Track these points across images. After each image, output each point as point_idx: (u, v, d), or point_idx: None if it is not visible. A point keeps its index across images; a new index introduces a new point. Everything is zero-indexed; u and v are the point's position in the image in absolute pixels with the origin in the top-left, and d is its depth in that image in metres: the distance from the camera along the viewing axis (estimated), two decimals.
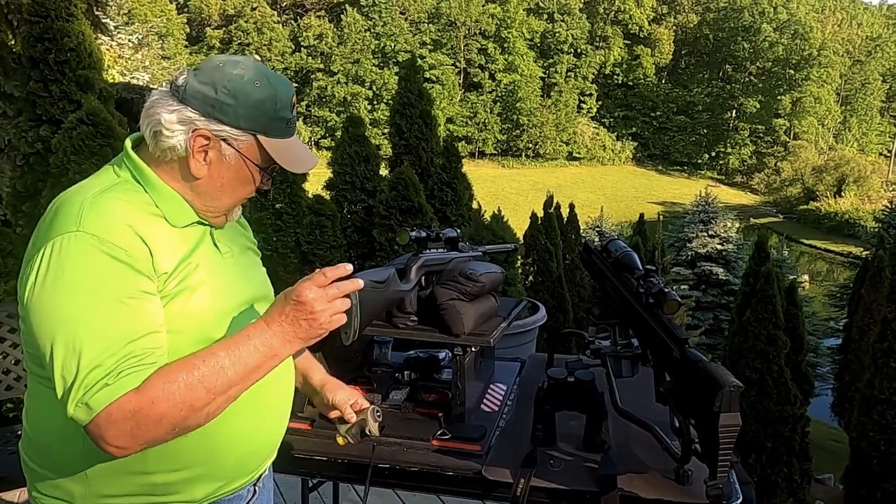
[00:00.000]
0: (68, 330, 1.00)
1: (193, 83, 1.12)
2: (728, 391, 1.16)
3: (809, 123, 47.95)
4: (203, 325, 1.13)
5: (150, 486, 1.13)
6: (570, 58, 50.68)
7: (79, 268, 1.02)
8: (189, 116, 1.11)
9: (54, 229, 1.05)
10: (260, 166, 1.17)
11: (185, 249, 1.14)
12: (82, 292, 1.01)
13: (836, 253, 28.66)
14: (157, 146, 1.13)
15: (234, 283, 1.22)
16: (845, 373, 9.54)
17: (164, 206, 1.14)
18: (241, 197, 1.21)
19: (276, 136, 1.16)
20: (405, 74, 5.12)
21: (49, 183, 3.45)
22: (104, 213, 1.06)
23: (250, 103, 1.13)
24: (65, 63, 3.61)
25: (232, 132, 1.13)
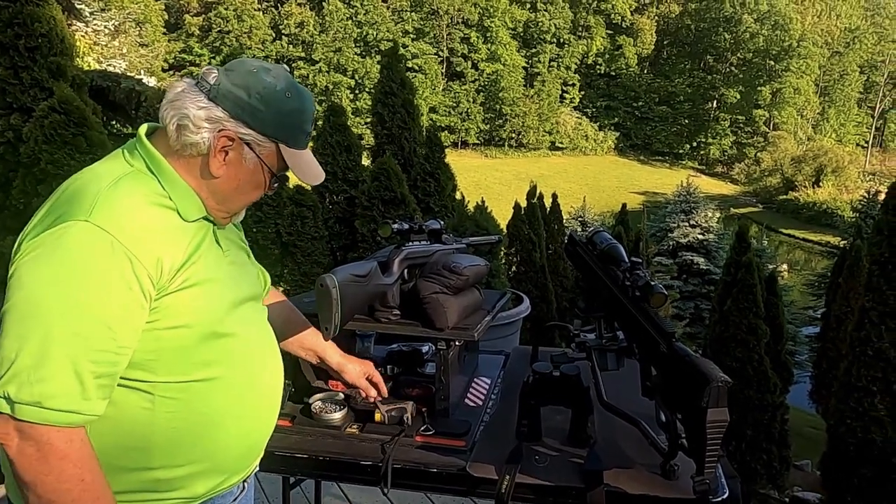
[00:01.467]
0: (40, 325, 0.98)
1: (226, 84, 1.13)
2: (716, 386, 1.15)
3: (789, 114, 48.41)
4: (210, 319, 1.14)
5: (153, 483, 1.13)
6: (552, 47, 50.63)
7: (78, 261, 1.01)
8: (218, 116, 1.13)
9: (65, 213, 1.03)
10: (274, 173, 1.20)
11: (193, 245, 1.13)
12: (71, 294, 1.00)
13: (814, 242, 29.03)
14: (180, 139, 1.13)
15: (236, 281, 1.23)
16: (823, 360, 9.66)
17: (178, 200, 1.13)
18: (249, 200, 1.23)
19: (295, 147, 1.20)
20: (387, 63, 5.06)
21: (20, 173, 3.37)
22: (118, 206, 1.05)
23: (280, 113, 1.15)
24: (36, 49, 3.51)
25: (257, 137, 1.15)
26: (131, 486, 1.12)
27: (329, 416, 1.61)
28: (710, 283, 12.84)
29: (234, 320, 1.19)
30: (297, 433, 1.58)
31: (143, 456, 1.10)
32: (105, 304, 1.01)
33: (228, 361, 1.18)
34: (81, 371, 1.00)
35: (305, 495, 2.68)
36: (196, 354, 1.13)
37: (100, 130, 3.38)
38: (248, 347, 1.22)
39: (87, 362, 1.00)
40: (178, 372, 1.12)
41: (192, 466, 1.15)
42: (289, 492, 1.95)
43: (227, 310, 1.18)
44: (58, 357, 0.98)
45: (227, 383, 1.17)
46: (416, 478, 1.50)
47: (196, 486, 1.17)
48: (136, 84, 5.86)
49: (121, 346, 1.04)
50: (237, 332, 1.19)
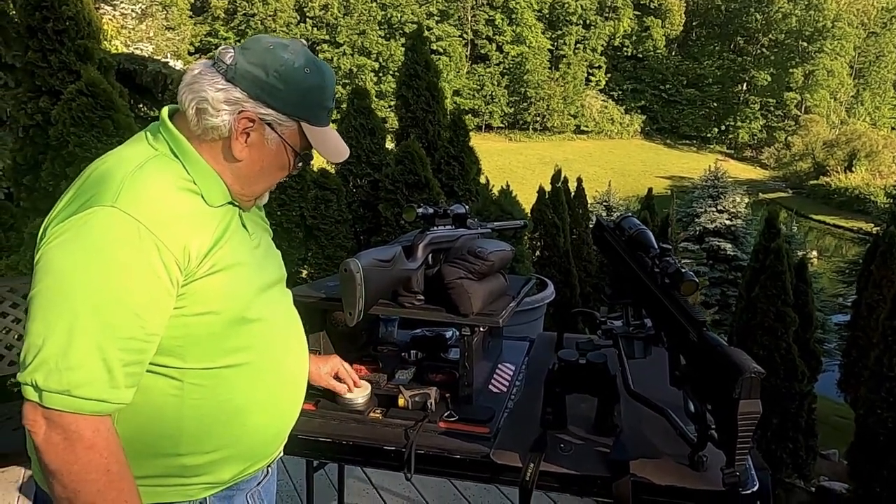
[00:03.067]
0: (68, 313, 0.97)
1: (243, 63, 1.10)
2: (748, 377, 1.11)
3: (821, 97, 47.24)
4: (238, 305, 1.12)
5: (180, 468, 1.12)
6: (578, 29, 49.92)
7: (105, 248, 0.99)
8: (237, 97, 1.10)
9: (94, 198, 1.02)
10: (297, 152, 1.17)
11: (220, 230, 1.11)
12: (100, 281, 0.98)
13: (845, 229, 28.42)
14: (200, 123, 1.11)
15: (262, 265, 1.21)
16: (853, 349, 9.49)
17: (203, 184, 1.11)
18: (274, 181, 1.21)
19: (317, 125, 1.16)
20: (412, 45, 5.01)
21: (49, 156, 3.41)
22: (144, 191, 1.03)
23: (300, 90, 1.12)
24: (63, 32, 3.54)
25: (278, 117, 1.12)
26: (158, 471, 1.11)
27: (353, 400, 1.61)
28: (736, 269, 12.65)
29: (262, 305, 1.17)
30: (321, 417, 1.58)
31: (170, 442, 1.09)
32: (132, 292, 1.00)
33: (256, 347, 1.16)
34: (110, 359, 0.99)
35: (329, 478, 2.70)
36: (225, 340, 1.12)
37: (126, 113, 3.40)
38: (275, 332, 1.21)
39: (116, 350, 0.99)
40: (206, 358, 1.11)
41: (218, 452, 1.14)
42: (312, 475, 1.96)
43: (255, 294, 1.16)
44: (85, 345, 0.98)
45: (255, 369, 1.17)
46: (440, 464, 1.49)
47: (222, 472, 1.16)
48: (163, 67, 5.90)
49: (149, 333, 1.03)
50: (264, 317, 1.18)
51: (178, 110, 1.14)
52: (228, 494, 1.20)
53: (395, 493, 2.77)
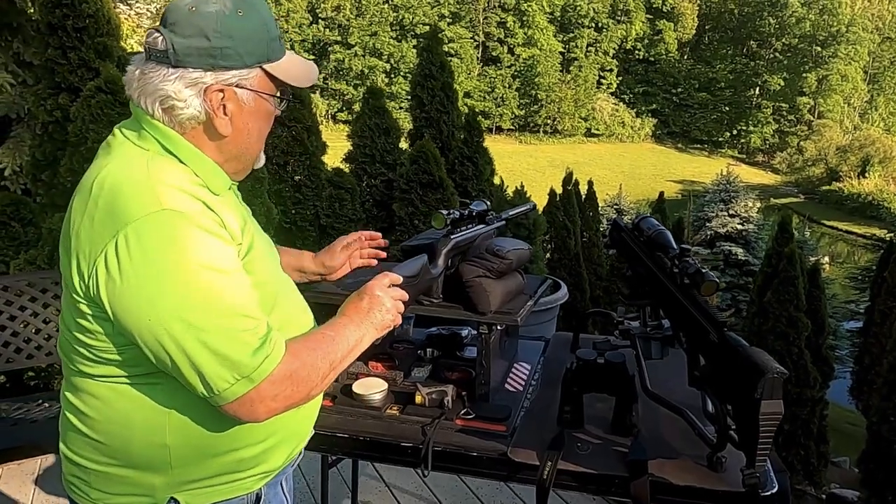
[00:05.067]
0: (187, 312, 0.94)
1: (180, 41, 1.01)
2: (771, 378, 1.11)
3: (835, 102, 46.90)
4: (271, 288, 1.14)
5: (237, 462, 1.11)
6: (590, 32, 49.79)
7: (179, 245, 0.95)
8: (195, 78, 1.02)
9: (129, 212, 0.95)
10: (274, 94, 1.11)
11: (239, 217, 1.10)
12: (190, 268, 0.95)
13: (858, 235, 28.19)
14: (174, 120, 1.04)
15: (269, 247, 1.23)
16: (865, 356, 9.41)
17: (204, 175, 1.07)
18: (265, 134, 1.16)
19: (277, 58, 1.10)
20: (427, 45, 5.02)
21: (68, 152, 3.44)
22: (174, 189, 1.00)
23: (245, 36, 1.04)
24: (83, 30, 3.57)
25: (240, 74, 1.05)
26: (216, 470, 1.10)
27: (370, 396, 1.61)
28: (748, 273, 12.56)
29: (282, 286, 1.19)
30: (338, 413, 1.59)
31: (226, 439, 1.08)
32: (224, 259, 1.00)
33: (286, 326, 1.14)
34: (255, 322, 1.01)
35: (341, 474, 2.71)
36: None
37: None
38: (295, 311, 1.23)
39: (253, 311, 1.01)
40: None
41: (270, 440, 1.14)
42: (327, 470, 1.97)
43: (276, 277, 1.19)
44: (224, 336, 0.97)
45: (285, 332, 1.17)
46: (456, 461, 1.49)
47: (275, 459, 1.17)
48: None
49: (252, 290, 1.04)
50: (287, 298, 1.21)
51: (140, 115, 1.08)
52: (276, 481, 1.21)
53: (407, 491, 2.78)
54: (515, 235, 4.28)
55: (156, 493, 1.07)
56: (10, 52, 4.95)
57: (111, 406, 1.06)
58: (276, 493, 1.23)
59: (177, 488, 1.08)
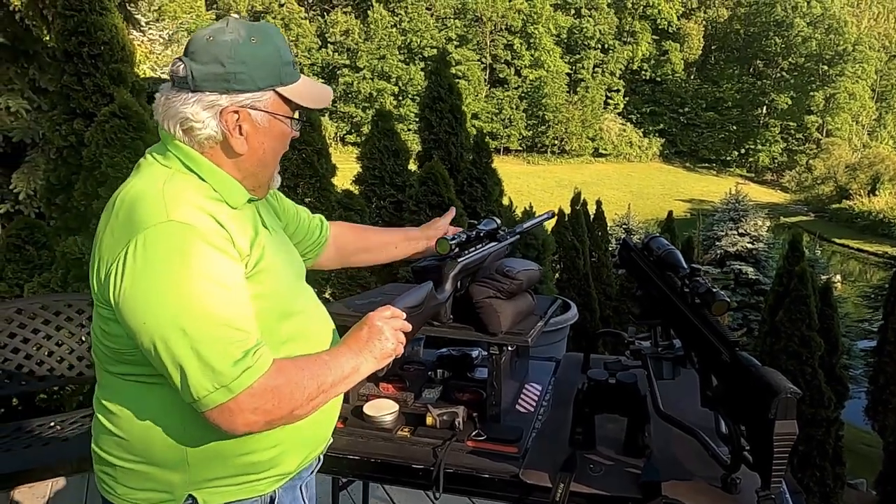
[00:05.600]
0: (179, 318, 1.00)
1: (198, 68, 1.10)
2: (784, 398, 1.10)
3: (843, 120, 46.88)
4: (282, 300, 1.18)
5: (250, 465, 1.16)
6: (597, 53, 50.18)
7: (179, 255, 1.01)
8: (211, 101, 1.11)
9: (140, 221, 1.04)
10: (288, 116, 1.19)
11: (251, 231, 1.16)
12: (188, 278, 1.01)
13: (869, 253, 27.98)
14: (194, 140, 1.13)
15: (289, 258, 1.27)
16: (880, 376, 9.29)
17: (222, 190, 1.14)
18: (281, 154, 1.22)
19: (290, 82, 1.17)
20: (435, 68, 5.08)
21: (82, 176, 3.48)
22: (185, 202, 1.07)
23: (258, 61, 1.12)
24: (98, 56, 3.64)
25: (254, 96, 1.13)
26: (230, 471, 1.15)
27: (380, 418, 1.61)
28: (759, 293, 12.48)
29: (299, 298, 1.24)
30: (349, 434, 1.59)
31: (240, 441, 1.12)
32: (223, 274, 1.04)
33: (301, 337, 1.21)
34: (245, 336, 1.04)
35: (351, 497, 2.69)
36: (276, 334, 1.16)
37: (157, 135, 3.47)
38: (313, 322, 1.27)
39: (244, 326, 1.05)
40: None
41: (284, 444, 1.18)
42: (338, 493, 1.96)
43: (293, 288, 1.23)
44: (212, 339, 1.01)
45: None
46: (468, 483, 1.49)
47: (289, 463, 1.21)
48: None
49: (248, 305, 1.08)
50: (303, 309, 1.24)
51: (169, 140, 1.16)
52: (293, 485, 1.25)
53: None
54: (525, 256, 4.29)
55: (175, 490, 1.13)
56: (26, 78, 5.06)
57: (134, 404, 1.11)
58: (294, 497, 1.26)
59: (194, 486, 1.13)
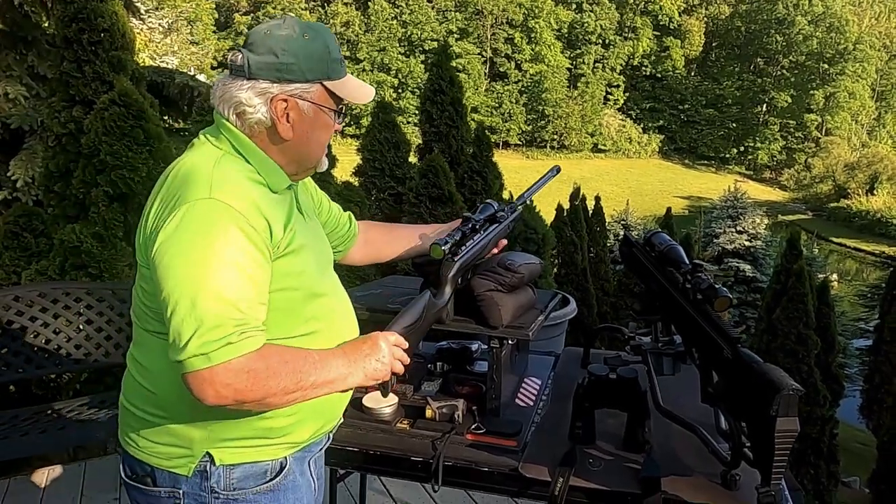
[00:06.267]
0: (193, 287, 1.06)
1: (254, 58, 1.19)
2: (787, 395, 1.10)
3: (842, 119, 46.87)
4: (311, 281, 1.25)
5: (267, 430, 1.21)
6: (597, 48, 50.06)
7: (211, 232, 1.08)
8: (264, 88, 1.19)
9: (188, 195, 1.11)
10: (333, 109, 1.26)
11: (287, 214, 1.23)
12: (213, 254, 1.07)
13: (867, 252, 28.04)
14: (245, 124, 1.21)
15: (318, 245, 1.34)
16: (875, 374, 9.33)
17: (266, 174, 1.22)
18: (324, 144, 1.30)
19: (337, 77, 1.25)
20: (436, 61, 5.05)
21: (80, 164, 3.46)
22: (230, 184, 1.14)
23: (309, 55, 1.21)
24: (98, 44, 3.61)
25: (303, 87, 1.21)
26: (249, 433, 1.20)
27: (380, 410, 1.61)
28: (755, 290, 12.52)
29: (325, 281, 1.31)
30: (348, 426, 1.58)
31: None
32: (243, 263, 1.09)
33: (324, 317, 1.28)
34: (243, 316, 1.08)
35: (348, 489, 2.69)
36: (301, 313, 1.23)
37: (157, 123, 3.46)
38: (336, 304, 1.33)
39: (245, 309, 1.08)
40: (287, 329, 1.21)
41: (298, 414, 1.23)
42: (336, 484, 1.96)
43: (320, 272, 1.29)
44: (211, 301, 1.06)
45: (324, 336, 1.26)
46: (467, 476, 1.49)
47: (302, 432, 1.26)
48: (190, 80, 5.99)
49: (261, 301, 1.12)
50: (328, 292, 1.31)
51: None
52: (302, 456, 1.30)
53: None
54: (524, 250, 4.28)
55: (194, 446, 1.19)
56: (25, 65, 5.02)
57: (166, 361, 1.13)
58: (303, 470, 1.31)
59: (213, 444, 1.19)
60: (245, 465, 1.21)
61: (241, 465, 1.21)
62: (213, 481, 1.20)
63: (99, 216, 3.40)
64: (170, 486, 1.21)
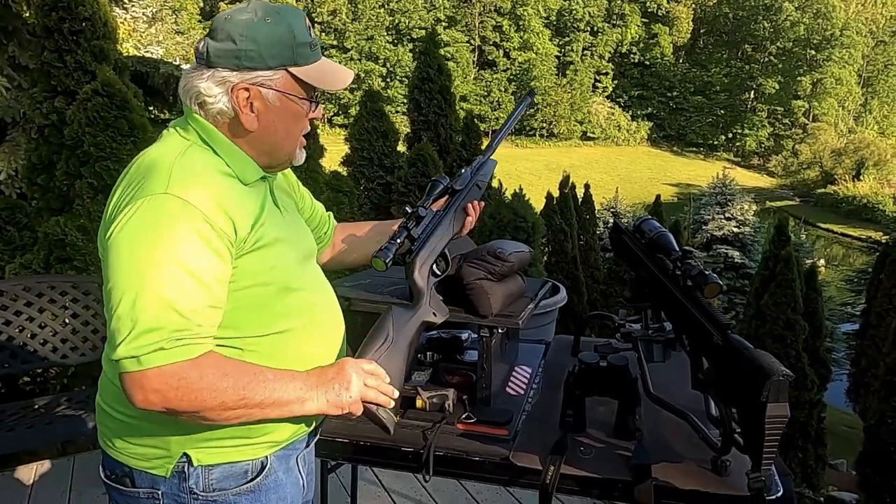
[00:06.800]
0: (136, 286, 1.02)
1: (214, 44, 1.14)
2: (777, 380, 1.10)
3: (829, 105, 47.11)
4: (285, 276, 1.20)
5: (247, 430, 1.18)
6: (586, 36, 49.95)
7: (161, 230, 1.04)
8: (223, 76, 1.14)
9: (146, 188, 1.07)
10: (303, 97, 1.19)
11: (258, 207, 1.17)
12: (160, 253, 1.03)
13: (853, 237, 28.29)
14: (208, 115, 1.17)
15: (296, 238, 1.28)
16: (862, 358, 9.44)
17: (235, 165, 1.17)
18: (297, 135, 1.23)
19: (305, 63, 1.18)
20: (424, 49, 5.02)
21: (64, 155, 3.41)
22: (191, 175, 1.09)
23: (270, 40, 1.14)
24: (79, 33, 3.55)
25: (265, 74, 1.15)
26: (227, 433, 1.17)
27: None
28: (744, 276, 12.60)
29: (302, 276, 1.25)
30: (338, 417, 1.56)
31: None
32: (194, 263, 1.05)
33: (300, 313, 1.23)
34: (181, 310, 1.04)
35: (340, 479, 2.69)
36: (274, 309, 1.18)
37: (141, 113, 3.41)
38: (315, 300, 1.28)
39: (188, 313, 1.04)
40: (260, 327, 1.17)
41: None
42: (327, 476, 1.95)
43: (296, 266, 1.24)
44: (153, 301, 1.02)
45: (301, 333, 1.23)
46: (458, 465, 1.48)
47: (282, 432, 1.23)
48: (175, 70, 5.91)
49: (212, 304, 1.07)
50: (305, 287, 1.25)
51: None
52: (286, 454, 1.27)
53: (406, 496, 2.76)
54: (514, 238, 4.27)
55: (170, 447, 1.16)
56: (6, 55, 4.93)
57: None
58: (288, 468, 1.28)
59: (190, 444, 1.16)
60: (224, 465, 1.19)
61: (220, 466, 1.18)
62: (192, 482, 1.17)
63: (83, 208, 3.36)
64: (148, 486, 1.19)
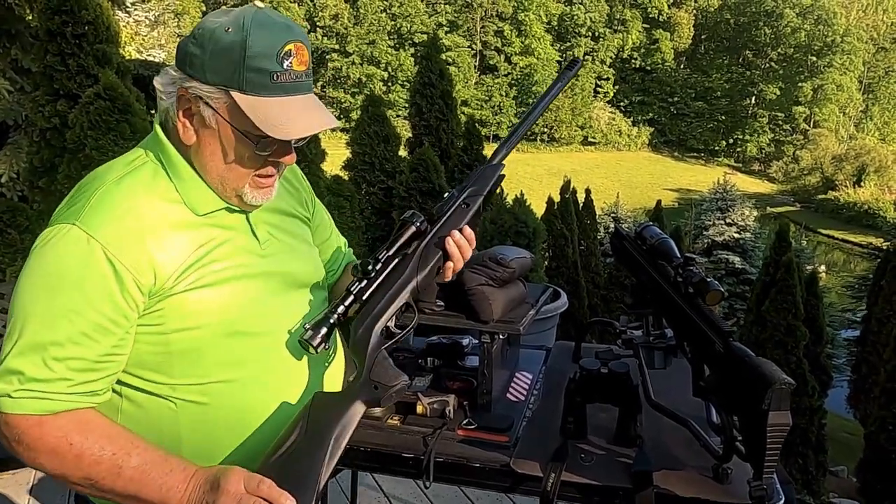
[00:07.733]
0: (18, 323, 0.96)
1: (181, 42, 1.04)
2: (779, 388, 1.10)
3: (830, 111, 47.17)
4: (229, 319, 1.06)
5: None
6: (587, 41, 50.08)
7: (57, 268, 0.97)
8: (172, 75, 1.02)
9: (63, 213, 1.01)
10: (247, 132, 1.00)
11: (206, 243, 1.04)
12: (47, 299, 0.96)
13: (854, 244, 28.27)
14: (163, 116, 1.07)
15: (278, 268, 1.15)
16: (862, 365, 9.42)
17: (184, 191, 1.04)
18: (244, 172, 1.04)
19: (255, 93, 0.97)
20: (426, 53, 5.03)
21: (66, 159, 3.41)
22: (112, 207, 0.99)
23: (216, 52, 0.96)
24: (82, 36, 3.56)
25: (203, 89, 0.99)
26: (229, 462, 1.09)
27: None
28: (745, 282, 12.59)
29: (266, 316, 1.11)
30: None
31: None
32: (82, 310, 0.96)
33: (249, 362, 1.09)
34: (53, 367, 0.97)
35: (339, 485, 2.68)
36: (213, 355, 1.06)
37: (143, 117, 3.41)
38: (273, 344, 1.13)
39: (62, 360, 0.97)
40: (194, 374, 1.06)
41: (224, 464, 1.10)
42: (327, 482, 1.94)
43: (258, 306, 1.09)
44: (29, 353, 0.96)
45: (250, 384, 1.10)
46: (458, 472, 1.47)
47: None
48: None
49: (100, 354, 0.99)
50: (267, 330, 1.12)
51: None
52: None
53: (407, 502, 2.75)
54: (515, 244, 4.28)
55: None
56: (8, 58, 4.95)
57: (130, 400, 1.07)
58: None
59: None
60: None
61: None
62: None
63: None
64: None
